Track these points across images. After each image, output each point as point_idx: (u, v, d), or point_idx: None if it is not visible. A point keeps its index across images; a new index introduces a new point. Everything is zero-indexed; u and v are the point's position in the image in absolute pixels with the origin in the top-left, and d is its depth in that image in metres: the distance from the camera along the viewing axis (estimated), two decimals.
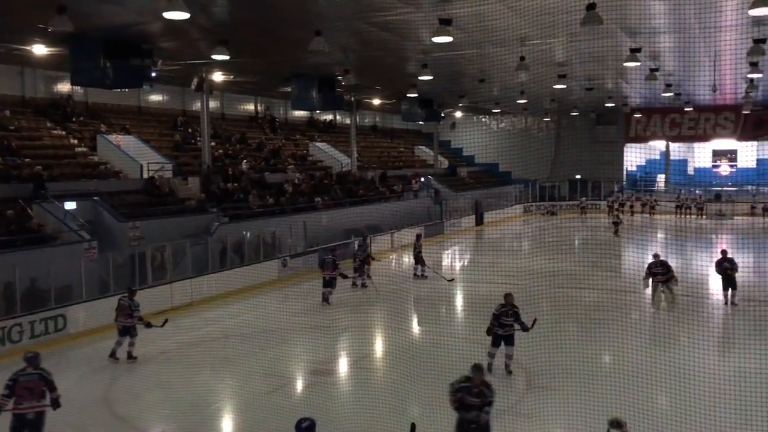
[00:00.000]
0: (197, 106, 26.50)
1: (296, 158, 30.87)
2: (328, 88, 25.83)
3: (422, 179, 37.91)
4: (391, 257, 26.25)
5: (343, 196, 28.77)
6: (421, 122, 41.53)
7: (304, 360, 13.31)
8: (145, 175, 22.40)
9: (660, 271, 15.79)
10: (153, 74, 19.62)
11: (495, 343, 11.62)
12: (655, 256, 16.25)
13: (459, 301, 19.38)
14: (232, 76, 25.24)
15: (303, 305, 17.74)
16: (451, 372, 11.10)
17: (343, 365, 13.15)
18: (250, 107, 33.84)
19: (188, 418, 10.10)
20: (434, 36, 15.31)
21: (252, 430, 9.83)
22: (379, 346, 14.75)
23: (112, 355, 13.02)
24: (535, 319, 11.58)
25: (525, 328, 11.31)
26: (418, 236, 22.21)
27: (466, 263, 27.32)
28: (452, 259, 28.62)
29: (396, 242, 27.33)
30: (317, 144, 34.79)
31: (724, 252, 16.93)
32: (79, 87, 23.04)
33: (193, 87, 23.71)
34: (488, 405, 7.62)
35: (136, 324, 13.02)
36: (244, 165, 26.68)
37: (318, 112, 36.16)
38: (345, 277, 18.16)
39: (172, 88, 27.57)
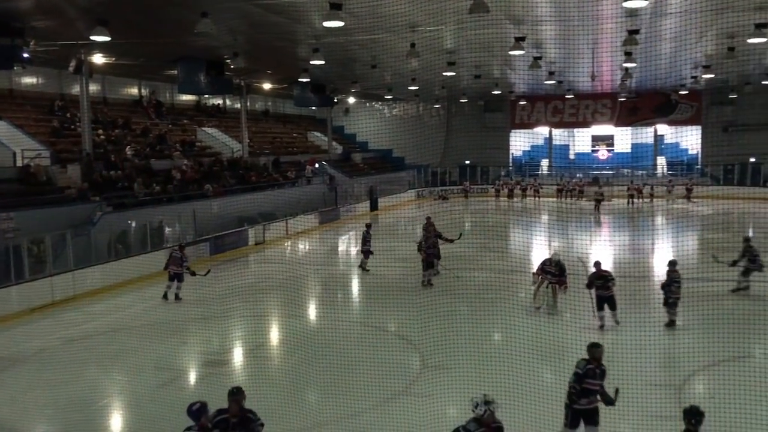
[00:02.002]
0: (76, 89, 25.01)
1: (184, 144, 29.87)
2: (217, 71, 25.09)
3: (316, 165, 37.72)
4: (285, 244, 26.02)
5: (234, 183, 28.16)
6: (314, 107, 41.28)
7: (197, 351, 12.98)
8: (19, 163, 20.98)
9: (553, 271, 14.07)
10: (25, 55, 18.35)
11: (573, 424, 7.80)
12: (554, 255, 14.58)
13: (355, 286, 19.49)
14: (113, 59, 23.99)
15: (194, 296, 17.25)
16: (347, 357, 11.19)
17: (237, 355, 12.91)
18: (134, 91, 32.34)
19: (73, 417, 9.61)
20: (325, 20, 15.21)
21: (143, 425, 9.48)
22: (274, 335, 14.61)
23: (165, 296, 16.42)
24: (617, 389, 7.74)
25: (609, 401, 7.59)
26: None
27: (361, 248, 27.46)
28: (348, 244, 28.70)
29: (291, 229, 27.12)
30: (206, 129, 33.77)
31: (597, 265, 13.34)
32: None
33: (71, 69, 22.34)
34: None
35: (184, 272, 16.43)
36: (128, 151, 25.52)
37: (206, 96, 35.13)
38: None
39: (48, 70, 25.80)
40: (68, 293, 16.70)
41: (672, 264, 13.27)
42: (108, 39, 16.63)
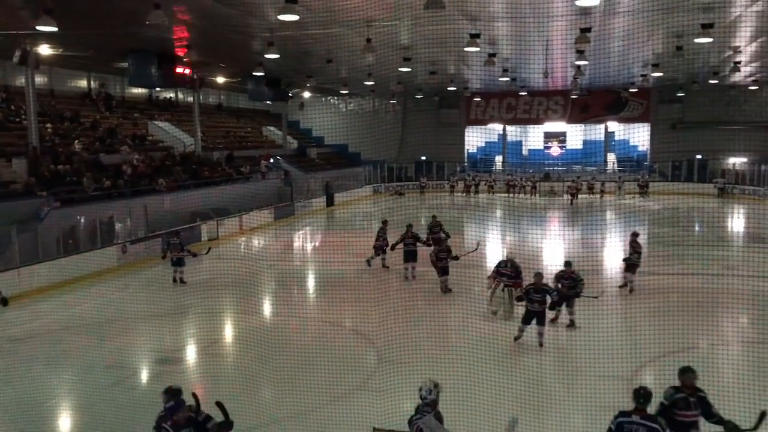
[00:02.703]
0: (21, 81, 24.23)
1: (135, 138, 29.25)
2: (169, 64, 24.64)
3: (271, 160, 37.41)
4: (240, 240, 25.73)
5: (187, 178, 27.70)
6: (268, 102, 40.89)
7: (149, 349, 12.72)
8: None
9: (508, 273, 13.33)
10: None
11: None
12: (509, 258, 13.93)
13: (311, 281, 19.39)
14: (61, 50, 23.34)
15: (146, 293, 16.94)
16: (302, 353, 11.13)
17: (191, 352, 12.71)
18: (83, 83, 31.54)
19: (18, 418, 9.32)
20: (280, 13, 15.06)
21: (93, 424, 9.25)
22: (228, 331, 14.43)
23: (174, 281, 17.50)
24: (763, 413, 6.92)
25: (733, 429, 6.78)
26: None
27: (317, 244, 27.37)
28: (304, 240, 28.57)
29: (245, 225, 26.83)
30: (158, 123, 33.14)
31: (568, 264, 13.04)
32: None
33: (15, 60, 21.65)
34: None
35: (185, 256, 17.57)
36: (77, 145, 24.86)
37: (158, 89, 34.47)
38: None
39: None
40: (14, 291, 16.19)
41: (634, 235, 15.58)
42: (55, 29, 16.13)
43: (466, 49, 21.09)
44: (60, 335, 13.52)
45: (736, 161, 41.94)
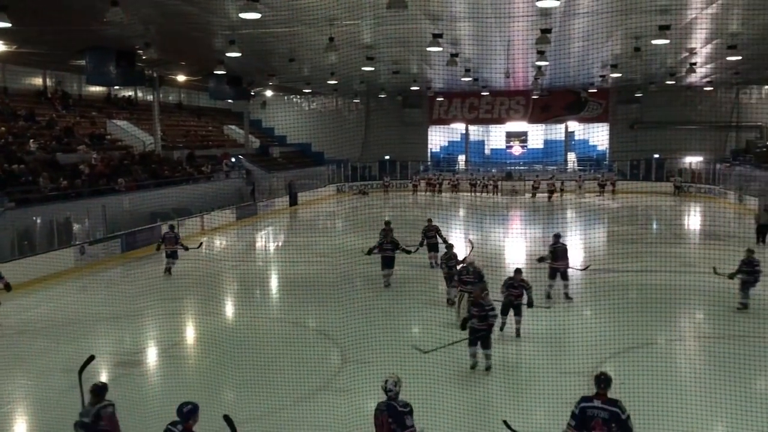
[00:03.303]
0: None
1: (93, 137, 28.66)
2: (128, 62, 24.22)
3: (233, 159, 37.05)
4: (201, 240, 25.39)
5: (146, 178, 27.26)
6: (230, 100, 40.45)
7: (108, 352, 12.47)
8: None
9: (471, 280, 12.66)
10: None
11: None
12: (470, 263, 13.29)
13: (274, 282, 19.26)
14: (15, 46, 22.75)
15: (105, 294, 16.63)
16: (265, 354, 11.03)
17: (151, 355, 12.52)
18: (38, 81, 30.79)
19: None
20: (241, 12, 14.92)
21: (50, 430, 9.04)
22: (190, 333, 14.25)
23: (168, 272, 18.13)
24: None
25: None
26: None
27: (281, 244, 27.20)
28: (266, 240, 28.36)
29: (206, 225, 26.52)
30: (116, 122, 32.52)
31: (518, 272, 12.33)
32: None
33: None
34: None
35: (178, 249, 18.15)
36: (32, 145, 24.26)
37: (116, 87, 33.85)
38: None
39: None
40: None
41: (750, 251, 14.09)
42: (8, 25, 15.70)
43: (428, 49, 21.17)
44: (15, 339, 13.17)
45: (692, 160, 42.94)
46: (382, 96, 45.03)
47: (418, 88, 41.06)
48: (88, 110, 31.92)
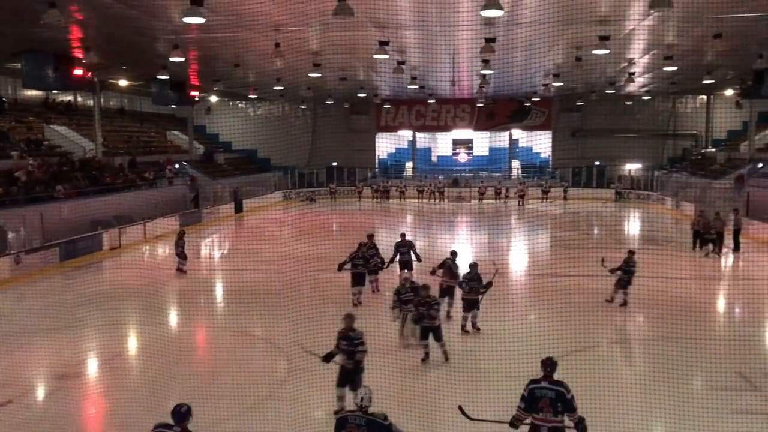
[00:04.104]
0: None
1: (29, 143, 27.73)
2: (67, 65, 23.54)
3: (176, 166, 36.39)
4: (144, 249, 24.84)
5: (87, 185, 26.51)
6: (173, 106, 39.76)
7: (46, 365, 12.06)
8: None
9: (412, 298, 11.94)
10: None
11: None
12: (405, 279, 12.93)
13: (218, 290, 18.95)
14: None
15: (42, 305, 16.06)
16: (211, 363, 10.85)
17: (92, 366, 12.14)
18: None
19: None
20: (185, 16, 14.68)
21: None
22: (132, 343, 13.90)
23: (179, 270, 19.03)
24: None
25: None
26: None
27: (226, 252, 26.80)
28: (211, 248, 27.90)
29: (149, 233, 25.94)
30: (54, 127, 31.55)
31: (474, 265, 12.76)
32: None
33: None
34: None
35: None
36: None
37: (55, 92, 32.87)
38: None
39: None
40: None
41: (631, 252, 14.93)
42: None
43: (375, 56, 21.26)
44: None
45: (631, 167, 44.23)
46: (330, 102, 44.97)
47: (365, 95, 41.14)
48: (25, 114, 30.89)
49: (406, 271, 15.47)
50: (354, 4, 13.82)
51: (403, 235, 16.71)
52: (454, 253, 14.08)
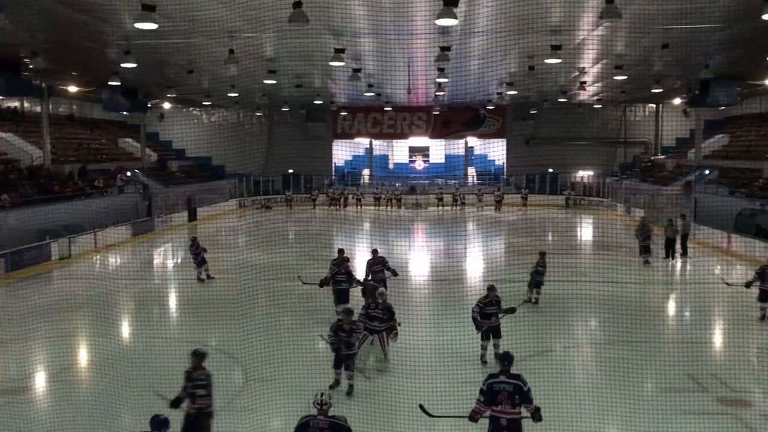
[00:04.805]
0: None
1: None
2: (13, 71, 22.93)
3: (128, 173, 35.69)
4: (94, 258, 24.26)
5: (34, 193, 25.79)
6: (125, 113, 38.99)
7: None
8: None
9: (380, 316, 11.08)
10: None
11: None
12: (381, 294, 11.65)
13: (172, 300, 18.62)
14: None
15: None
16: (164, 375, 10.61)
17: (39, 380, 11.78)
18: None
19: None
20: (137, 21, 14.43)
21: None
22: (82, 356, 13.53)
23: (200, 280, 18.56)
24: None
25: None
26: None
27: (179, 261, 26.34)
28: (164, 257, 27.41)
29: (100, 242, 25.36)
30: (0, 135, 30.64)
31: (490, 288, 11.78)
32: None
33: None
34: None
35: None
36: None
37: (0, 98, 31.93)
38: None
39: None
40: None
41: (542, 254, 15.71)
42: None
43: (331, 63, 21.23)
44: None
45: (584, 174, 45.09)
46: (285, 109, 44.73)
47: (321, 102, 41.05)
48: None
49: (381, 288, 13.63)
50: (309, 12, 13.79)
51: (374, 252, 15.25)
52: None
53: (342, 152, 48.68)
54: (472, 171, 49.04)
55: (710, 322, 15.18)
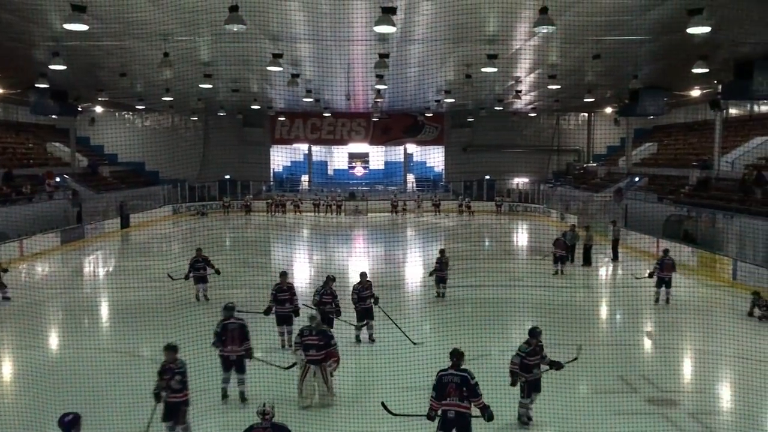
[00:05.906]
0: None
1: None
2: None
3: (57, 179, 34.47)
4: (20, 267, 23.30)
5: None
6: (54, 116, 37.65)
7: None
8: None
9: (315, 343, 9.97)
10: None
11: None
12: (312, 318, 10.57)
13: (103, 310, 18.03)
14: None
15: None
16: (95, 387, 10.26)
17: None
18: None
19: None
20: (66, 22, 13.97)
21: None
22: (6, 368, 12.95)
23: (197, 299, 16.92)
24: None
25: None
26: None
27: (110, 269, 25.57)
28: (95, 265, 26.54)
29: (26, 250, 24.39)
30: None
31: (363, 275, 13.52)
32: None
33: None
34: None
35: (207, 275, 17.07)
36: None
37: None
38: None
39: None
40: None
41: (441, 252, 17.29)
42: None
43: (268, 68, 21.03)
44: None
45: (519, 181, 46.04)
46: (222, 114, 44.04)
47: (259, 107, 40.59)
48: None
49: (367, 321, 13.33)
50: (246, 16, 13.63)
51: (363, 274, 13.75)
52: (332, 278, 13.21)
53: (280, 158, 48.25)
54: (411, 177, 49.39)
55: (640, 325, 15.70)
